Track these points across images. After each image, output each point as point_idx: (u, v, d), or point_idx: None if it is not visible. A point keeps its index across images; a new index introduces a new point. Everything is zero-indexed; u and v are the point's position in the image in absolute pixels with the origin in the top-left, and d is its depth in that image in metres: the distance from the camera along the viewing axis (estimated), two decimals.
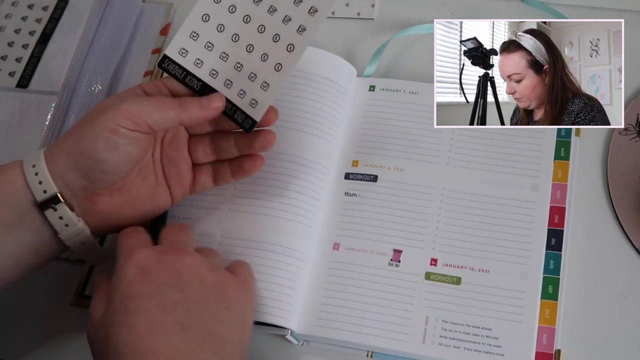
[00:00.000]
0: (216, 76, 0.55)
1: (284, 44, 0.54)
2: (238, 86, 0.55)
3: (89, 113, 0.53)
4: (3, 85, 0.68)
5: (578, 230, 0.58)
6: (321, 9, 0.53)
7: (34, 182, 0.51)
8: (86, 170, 0.51)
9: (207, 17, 0.55)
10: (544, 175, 0.59)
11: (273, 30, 0.54)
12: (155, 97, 0.53)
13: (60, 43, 0.69)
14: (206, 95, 0.54)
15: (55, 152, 0.52)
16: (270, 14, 0.54)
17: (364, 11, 0.72)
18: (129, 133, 0.51)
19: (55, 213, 0.51)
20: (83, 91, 0.69)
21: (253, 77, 0.54)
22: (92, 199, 0.52)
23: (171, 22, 0.75)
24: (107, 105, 0.52)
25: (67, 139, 0.52)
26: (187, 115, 0.53)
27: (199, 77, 0.55)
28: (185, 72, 0.55)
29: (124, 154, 0.51)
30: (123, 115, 0.51)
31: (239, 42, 0.55)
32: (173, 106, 0.52)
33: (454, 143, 0.61)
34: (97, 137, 0.50)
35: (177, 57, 0.55)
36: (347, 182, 0.61)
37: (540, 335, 0.54)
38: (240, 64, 0.55)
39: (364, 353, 0.56)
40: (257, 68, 0.54)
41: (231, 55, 0.55)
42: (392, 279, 0.57)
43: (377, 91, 0.65)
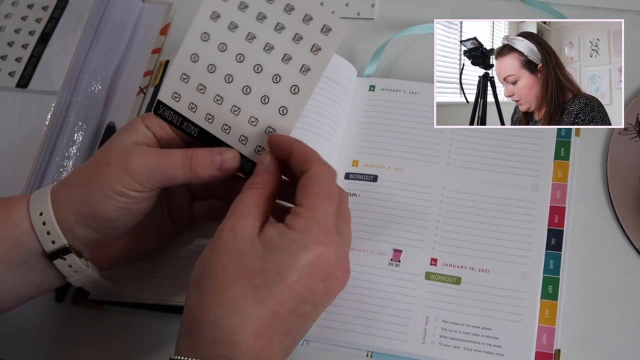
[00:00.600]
0: (212, 121, 0.51)
1: (286, 86, 0.50)
2: (238, 131, 0.51)
3: (93, 161, 0.51)
4: (3, 85, 0.68)
5: (578, 230, 0.58)
6: (325, 48, 0.49)
7: (41, 232, 0.49)
8: (97, 227, 0.50)
9: (195, 57, 0.51)
10: (544, 175, 0.59)
11: (272, 70, 0.50)
12: (163, 153, 0.50)
13: (60, 43, 0.69)
14: (218, 150, 0.50)
15: (63, 206, 0.50)
16: (267, 53, 0.50)
17: (364, 11, 0.72)
18: (138, 195, 0.49)
19: (64, 262, 0.50)
20: (83, 91, 0.69)
21: (254, 122, 0.50)
22: (103, 246, 0.52)
23: (171, 22, 0.75)
24: (111, 160, 0.49)
25: (73, 192, 0.50)
26: (196, 178, 0.50)
27: (196, 123, 0.51)
28: (182, 117, 0.51)
29: (135, 211, 0.51)
30: (130, 178, 0.49)
31: (233, 84, 0.50)
32: (182, 168, 0.49)
33: (454, 143, 0.61)
34: (106, 198, 0.49)
35: (170, 102, 0.52)
36: (347, 182, 0.61)
37: (540, 335, 0.54)
38: (237, 107, 0.50)
39: (364, 353, 0.56)
40: (258, 112, 0.50)
41: (226, 98, 0.50)
42: (392, 279, 0.57)
43: (377, 91, 0.65)
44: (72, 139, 0.67)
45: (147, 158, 0.49)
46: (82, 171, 0.51)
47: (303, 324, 0.46)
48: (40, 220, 0.49)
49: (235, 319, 0.43)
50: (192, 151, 0.50)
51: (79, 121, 0.68)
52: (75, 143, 0.67)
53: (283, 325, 0.44)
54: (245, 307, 0.43)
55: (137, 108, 0.70)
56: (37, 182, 0.64)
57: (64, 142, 0.66)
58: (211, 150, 0.51)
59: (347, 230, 0.50)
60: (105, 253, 0.52)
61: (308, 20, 0.49)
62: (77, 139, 0.67)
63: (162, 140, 0.53)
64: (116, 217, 0.50)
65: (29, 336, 0.61)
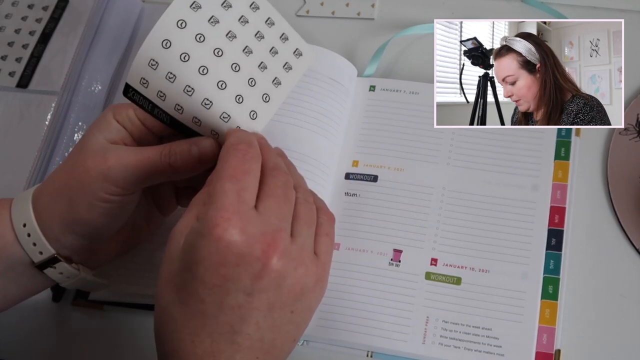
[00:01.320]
0: (182, 112, 0.48)
1: (259, 92, 0.49)
2: (209, 125, 0.48)
3: (71, 166, 0.49)
4: (3, 85, 0.68)
5: (578, 230, 0.58)
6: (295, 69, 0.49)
7: (27, 244, 0.48)
8: (84, 233, 0.49)
9: (167, 44, 0.47)
10: (544, 175, 0.59)
11: (248, 74, 0.49)
12: (141, 153, 0.48)
13: (60, 43, 0.69)
14: (194, 140, 0.48)
15: (46, 216, 0.48)
16: (246, 55, 0.49)
17: (364, 11, 0.72)
18: (121, 199, 0.48)
19: (54, 270, 0.49)
20: (83, 91, 0.69)
21: (226, 118, 0.48)
22: (92, 249, 0.51)
23: None
24: (89, 165, 0.47)
25: (56, 201, 0.48)
26: (177, 175, 0.49)
27: (166, 111, 0.49)
28: (152, 104, 0.49)
29: (121, 214, 0.50)
30: (111, 184, 0.47)
31: (207, 76, 0.48)
32: (162, 166, 0.48)
33: (454, 143, 0.61)
34: (89, 206, 0.48)
35: (139, 86, 0.49)
36: (347, 182, 0.61)
37: (540, 335, 0.54)
38: (209, 100, 0.48)
39: (364, 353, 0.56)
40: (232, 109, 0.48)
41: (197, 90, 0.48)
42: (393, 279, 0.57)
43: (377, 91, 0.65)
44: (72, 139, 0.67)
45: (126, 160, 0.47)
46: (62, 178, 0.49)
47: (248, 317, 0.41)
48: (25, 232, 0.48)
49: (168, 327, 0.41)
50: (168, 147, 0.48)
51: (79, 121, 0.68)
52: (75, 143, 0.67)
53: (219, 323, 0.41)
54: (173, 313, 0.41)
55: None
56: (37, 182, 0.64)
57: (64, 142, 0.66)
58: (187, 142, 0.48)
59: (273, 206, 0.43)
60: (95, 255, 0.52)
61: (284, 39, 0.50)
62: (77, 139, 0.67)
63: (134, 134, 0.50)
64: (103, 223, 0.49)
65: (29, 336, 0.61)
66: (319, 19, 0.72)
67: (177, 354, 0.41)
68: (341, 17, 0.72)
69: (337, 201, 0.60)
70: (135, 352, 0.60)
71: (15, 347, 0.61)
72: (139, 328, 0.60)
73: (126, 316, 0.60)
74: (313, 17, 0.72)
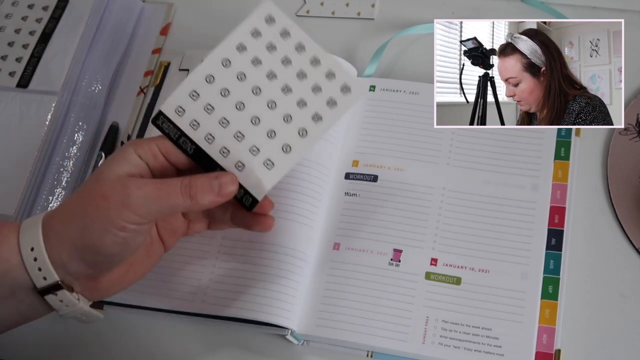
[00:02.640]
0: (212, 142, 0.51)
1: (295, 127, 0.51)
2: (236, 157, 0.51)
3: (86, 194, 0.49)
4: (3, 85, 0.68)
5: (578, 230, 0.58)
6: (340, 105, 0.51)
7: (32, 268, 0.48)
8: (93, 262, 0.49)
9: (211, 79, 0.51)
10: (544, 175, 0.59)
11: (285, 110, 0.51)
12: (161, 184, 0.49)
13: (60, 43, 0.69)
14: (215, 175, 0.50)
15: (56, 241, 0.48)
16: (284, 94, 0.51)
17: (364, 11, 0.72)
18: (137, 227, 0.48)
19: (55, 297, 0.49)
20: (83, 91, 0.69)
21: (255, 151, 0.51)
22: (94, 279, 0.51)
23: (171, 22, 0.75)
24: (108, 193, 0.48)
25: (67, 227, 0.48)
26: (197, 206, 0.49)
27: (194, 140, 0.51)
28: (180, 132, 0.51)
29: (133, 244, 0.49)
30: (130, 211, 0.47)
31: (243, 112, 0.51)
32: (182, 197, 0.49)
33: (454, 143, 0.61)
34: (104, 233, 0.47)
35: (173, 115, 0.51)
36: (347, 182, 0.61)
37: (540, 335, 0.54)
38: (241, 134, 0.51)
39: (364, 353, 0.56)
40: (262, 143, 0.51)
41: (232, 123, 0.51)
42: (392, 279, 0.57)
43: (377, 91, 0.65)
44: (72, 139, 0.67)
45: (146, 190, 0.48)
46: (76, 204, 0.49)
47: None
48: (32, 256, 0.48)
49: None
50: (189, 179, 0.49)
51: (79, 121, 0.68)
52: (75, 143, 0.67)
53: None
54: None
55: (137, 108, 0.70)
56: (37, 182, 0.64)
57: (64, 142, 0.66)
58: (208, 176, 0.50)
59: None
60: (96, 285, 0.51)
61: (330, 77, 0.51)
62: (77, 139, 0.67)
63: (155, 169, 0.51)
64: (114, 252, 0.49)
65: (29, 337, 0.61)
66: (319, 19, 0.72)
67: None
68: (341, 17, 0.72)
69: (337, 201, 0.60)
70: (135, 352, 0.60)
71: (15, 347, 0.61)
72: (139, 328, 0.60)
73: (126, 316, 0.60)
74: (313, 17, 0.72)
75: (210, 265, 0.59)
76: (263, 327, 0.56)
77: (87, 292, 0.51)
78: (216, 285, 0.58)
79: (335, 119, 0.51)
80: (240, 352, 0.58)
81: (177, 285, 0.59)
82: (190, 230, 0.56)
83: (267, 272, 0.57)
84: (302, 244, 0.58)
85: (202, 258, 0.59)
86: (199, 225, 0.56)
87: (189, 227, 0.56)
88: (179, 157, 0.52)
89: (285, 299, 0.56)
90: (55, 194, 0.65)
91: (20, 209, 0.63)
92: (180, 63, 0.69)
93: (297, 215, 0.58)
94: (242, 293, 0.57)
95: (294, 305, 0.56)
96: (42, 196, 0.64)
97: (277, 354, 0.58)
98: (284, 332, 0.56)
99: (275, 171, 0.51)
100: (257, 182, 0.51)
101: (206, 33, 0.73)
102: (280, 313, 0.55)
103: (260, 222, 0.54)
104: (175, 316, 0.59)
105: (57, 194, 0.65)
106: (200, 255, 0.59)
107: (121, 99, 0.72)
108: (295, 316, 0.56)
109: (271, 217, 0.54)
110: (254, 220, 0.54)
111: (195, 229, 0.56)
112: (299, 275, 0.57)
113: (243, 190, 0.51)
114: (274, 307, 0.55)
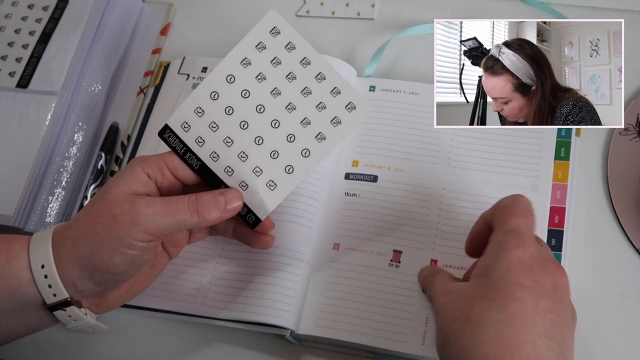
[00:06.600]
0: (217, 160, 0.52)
1: (298, 148, 0.51)
2: (240, 177, 0.51)
3: (95, 214, 0.50)
4: (3, 85, 0.68)
5: (578, 230, 0.58)
6: (344, 123, 0.50)
7: (43, 285, 0.49)
8: (101, 281, 0.50)
9: (216, 96, 0.51)
10: (544, 176, 0.59)
11: (288, 130, 0.51)
12: (169, 201, 0.50)
13: (60, 43, 0.69)
14: (220, 191, 0.51)
15: (66, 260, 0.49)
16: (288, 112, 0.51)
17: (364, 11, 0.72)
18: (146, 245, 0.49)
19: (64, 313, 0.50)
20: (83, 91, 0.69)
21: (258, 172, 0.51)
22: (102, 295, 0.52)
23: (171, 22, 0.75)
24: (116, 212, 0.49)
25: (77, 246, 0.49)
26: (204, 222, 0.51)
27: (199, 157, 0.52)
28: (186, 148, 0.52)
29: (141, 262, 0.50)
30: (139, 230, 0.48)
31: (247, 131, 0.51)
32: (189, 214, 0.50)
33: (454, 144, 0.61)
34: (114, 253, 0.48)
35: (178, 130, 0.52)
36: (347, 182, 0.61)
37: None
38: (245, 154, 0.51)
39: (364, 353, 0.56)
40: (265, 164, 0.51)
41: (236, 142, 0.51)
42: (392, 280, 0.57)
43: (377, 91, 0.65)
44: (72, 139, 0.67)
45: (154, 207, 0.49)
46: (86, 223, 0.50)
47: (557, 323, 0.44)
48: (42, 274, 0.49)
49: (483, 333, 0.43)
50: (195, 196, 0.50)
51: (79, 121, 0.68)
52: (75, 143, 0.67)
53: (537, 325, 0.43)
54: (488, 318, 0.43)
55: (137, 108, 0.70)
56: (37, 182, 0.64)
57: (64, 142, 0.66)
58: (213, 193, 0.51)
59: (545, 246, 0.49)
60: (103, 300, 0.53)
61: (335, 93, 0.51)
62: (77, 139, 0.67)
63: (162, 186, 0.52)
64: (123, 270, 0.50)
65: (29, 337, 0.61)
66: (319, 19, 0.72)
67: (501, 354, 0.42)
68: (341, 17, 0.72)
69: (337, 201, 0.60)
70: (135, 352, 0.60)
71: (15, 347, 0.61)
72: (140, 329, 0.60)
73: (126, 317, 0.60)
74: (313, 17, 0.72)
75: (211, 267, 0.59)
76: (262, 327, 0.56)
77: (94, 306, 0.52)
78: (217, 288, 0.58)
79: (339, 138, 0.51)
80: (240, 353, 0.58)
81: (178, 287, 0.59)
82: (192, 239, 0.58)
83: (266, 274, 0.57)
84: (302, 244, 0.58)
85: (203, 261, 0.59)
86: (201, 234, 0.58)
87: (191, 236, 0.57)
88: (186, 173, 0.53)
89: (284, 300, 0.56)
90: (55, 194, 0.65)
91: (20, 209, 0.63)
92: (180, 67, 0.69)
93: (296, 215, 0.58)
94: (242, 295, 0.57)
95: (294, 305, 0.56)
96: (42, 196, 0.64)
97: (276, 354, 0.58)
98: (284, 333, 0.56)
99: (278, 192, 0.52)
100: (260, 202, 0.52)
101: (206, 33, 0.73)
102: (280, 314, 0.56)
103: (260, 241, 0.55)
104: (175, 317, 0.59)
105: (57, 194, 0.65)
106: (201, 258, 0.59)
107: (121, 99, 0.72)
108: (295, 316, 0.56)
109: (271, 237, 0.55)
110: (255, 238, 0.55)
111: (198, 237, 0.58)
112: (299, 276, 0.57)
113: (247, 208, 0.52)
114: (273, 308, 0.56)
